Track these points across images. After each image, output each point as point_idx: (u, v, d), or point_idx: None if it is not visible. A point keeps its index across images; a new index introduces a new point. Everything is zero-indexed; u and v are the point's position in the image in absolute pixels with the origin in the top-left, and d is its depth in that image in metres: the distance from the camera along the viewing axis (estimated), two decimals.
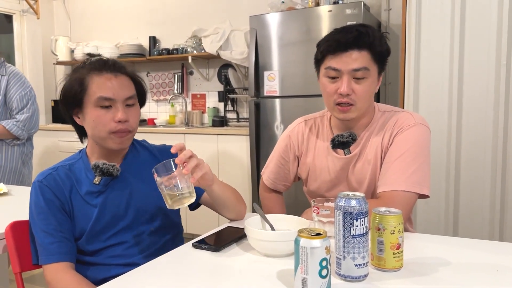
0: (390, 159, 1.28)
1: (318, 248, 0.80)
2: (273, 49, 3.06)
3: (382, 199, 1.23)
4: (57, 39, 4.51)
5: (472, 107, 2.35)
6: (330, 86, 1.27)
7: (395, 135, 1.30)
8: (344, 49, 1.23)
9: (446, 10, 2.38)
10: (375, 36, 1.24)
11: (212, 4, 4.01)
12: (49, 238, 1.15)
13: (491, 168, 2.34)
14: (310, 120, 1.48)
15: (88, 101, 1.17)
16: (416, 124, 1.30)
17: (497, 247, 1.09)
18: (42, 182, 1.19)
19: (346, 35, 1.23)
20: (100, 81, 1.17)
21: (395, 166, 1.25)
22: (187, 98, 4.19)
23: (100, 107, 1.16)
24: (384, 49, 1.27)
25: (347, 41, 1.22)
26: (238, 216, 1.31)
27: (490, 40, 2.30)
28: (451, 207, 2.42)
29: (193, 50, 3.88)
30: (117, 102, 1.17)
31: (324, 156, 1.40)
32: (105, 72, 1.18)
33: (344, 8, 2.83)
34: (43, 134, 4.11)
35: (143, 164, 1.28)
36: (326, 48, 1.26)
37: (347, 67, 1.23)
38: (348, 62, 1.23)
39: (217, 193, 1.19)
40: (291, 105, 3.02)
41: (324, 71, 1.28)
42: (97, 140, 1.21)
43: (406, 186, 1.22)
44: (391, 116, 1.35)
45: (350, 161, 1.36)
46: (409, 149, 1.26)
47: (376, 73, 1.28)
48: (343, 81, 1.24)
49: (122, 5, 4.46)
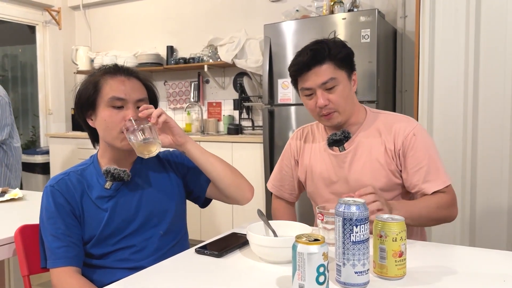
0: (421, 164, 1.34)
1: (315, 254, 0.79)
2: (288, 57, 3.06)
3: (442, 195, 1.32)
4: (77, 49, 4.62)
5: (488, 114, 2.30)
6: (310, 102, 1.39)
7: (406, 141, 1.36)
8: (308, 69, 1.35)
9: (461, 16, 2.35)
10: (330, 48, 1.34)
11: (228, 13, 4.05)
12: (57, 242, 1.17)
13: (508, 176, 2.27)
14: (306, 127, 1.59)
15: (101, 102, 1.21)
16: (417, 125, 1.40)
17: (505, 257, 1.06)
18: (53, 187, 1.21)
19: (304, 57, 1.35)
20: (113, 83, 1.21)
21: (432, 169, 1.34)
22: (203, 106, 4.22)
23: (112, 107, 1.20)
24: (344, 54, 1.37)
25: (307, 62, 1.34)
26: (241, 190, 1.30)
27: (506, 46, 2.25)
28: (467, 215, 2.36)
29: (209, 59, 3.92)
30: (129, 103, 1.20)
31: (320, 155, 1.48)
32: (119, 74, 1.23)
33: (359, 16, 2.82)
34: (63, 142, 4.21)
35: (152, 169, 1.31)
36: (294, 73, 1.40)
37: (316, 83, 1.35)
38: (315, 79, 1.34)
39: (197, 155, 1.25)
40: (304, 112, 3.00)
41: (300, 91, 1.41)
42: (108, 141, 1.23)
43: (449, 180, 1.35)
44: (387, 120, 1.43)
45: (346, 158, 1.42)
46: (430, 150, 1.36)
47: (346, 76, 1.38)
48: (318, 96, 1.35)
49: (140, 15, 4.55)
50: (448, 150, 2.39)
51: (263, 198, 3.27)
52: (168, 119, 1.21)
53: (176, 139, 1.24)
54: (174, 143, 1.24)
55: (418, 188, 1.35)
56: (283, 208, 1.61)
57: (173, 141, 1.24)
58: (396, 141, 1.37)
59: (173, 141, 1.24)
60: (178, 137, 1.23)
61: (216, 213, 3.50)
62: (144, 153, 1.16)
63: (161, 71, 4.31)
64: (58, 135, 4.34)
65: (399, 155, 1.37)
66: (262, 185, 3.26)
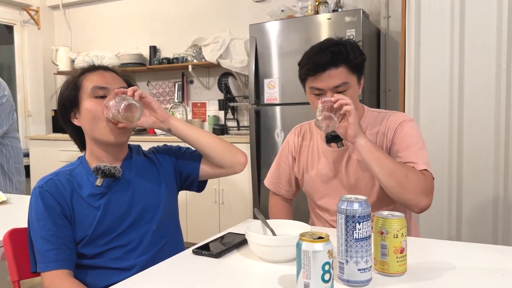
0: (401, 146, 1.35)
1: (321, 252, 0.79)
2: (273, 57, 3.06)
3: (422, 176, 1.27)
4: (57, 49, 4.53)
5: (473, 113, 2.35)
6: (317, 102, 1.35)
7: (394, 132, 1.38)
8: (322, 70, 1.32)
9: (446, 16, 2.39)
10: (348, 52, 1.33)
11: (212, 14, 4.03)
12: (47, 245, 1.13)
13: (493, 172, 2.33)
14: (304, 125, 1.59)
15: (83, 96, 1.20)
16: (409, 119, 1.41)
17: (501, 251, 1.08)
18: (42, 188, 1.17)
19: (322, 57, 1.32)
20: (93, 76, 1.22)
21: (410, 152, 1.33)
22: (188, 106, 4.19)
23: (95, 97, 1.19)
24: (360, 60, 1.36)
25: (324, 63, 1.32)
26: (235, 155, 1.30)
27: (490, 46, 2.30)
28: (454, 211, 2.40)
29: (193, 59, 3.89)
30: (111, 91, 1.20)
31: (317, 152, 1.49)
32: (98, 70, 1.24)
33: (344, 16, 2.84)
34: (43, 144, 4.11)
35: (141, 165, 1.29)
36: (306, 71, 1.37)
37: (328, 85, 1.33)
38: (328, 81, 1.32)
39: (182, 128, 1.25)
40: (291, 112, 3.02)
41: (309, 90, 1.39)
42: (96, 135, 1.20)
43: (429, 168, 1.31)
44: (384, 116, 1.44)
45: (344, 154, 1.43)
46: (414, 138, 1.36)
47: (356, 81, 1.38)
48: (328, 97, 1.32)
49: (122, 15, 4.48)
50: (435, 146, 2.43)
51: (250, 197, 3.26)
52: (144, 94, 1.20)
53: (159, 115, 1.23)
54: (158, 119, 1.24)
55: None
56: (280, 205, 1.61)
57: (156, 118, 1.23)
58: (389, 133, 1.39)
59: (156, 118, 1.23)
60: (160, 111, 1.23)
61: (203, 215, 3.47)
62: (129, 119, 1.15)
63: (144, 71, 4.26)
64: (38, 137, 4.24)
65: (389, 147, 1.38)
66: (249, 184, 3.25)
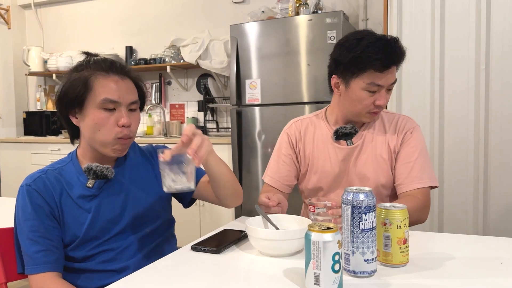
0: (410, 159, 1.36)
1: (331, 242, 0.78)
2: (253, 58, 3.06)
3: (418, 197, 1.30)
4: (29, 50, 4.39)
5: (454, 109, 2.42)
6: (369, 99, 1.32)
7: (403, 137, 1.39)
8: (388, 67, 1.29)
9: (426, 18, 2.45)
10: (403, 52, 1.31)
11: (190, 14, 4.00)
12: (35, 246, 1.08)
13: (473, 167, 2.40)
14: (305, 119, 1.53)
15: (91, 102, 1.11)
16: (417, 125, 1.42)
17: (497, 242, 1.11)
18: (30, 186, 1.11)
19: (392, 55, 1.28)
20: (106, 83, 1.11)
21: (417, 166, 1.34)
22: (165, 108, 4.13)
23: (104, 109, 1.11)
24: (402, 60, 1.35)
25: (395, 60, 1.30)
26: (237, 197, 1.25)
27: (469, 47, 2.37)
28: (436, 205, 2.46)
29: (171, 59, 3.85)
30: (121, 106, 1.12)
31: (324, 147, 1.45)
32: (112, 74, 1.13)
33: (324, 17, 2.87)
34: (14, 147, 3.96)
35: (136, 166, 1.25)
36: (371, 65, 1.28)
37: (388, 82, 1.31)
38: (389, 78, 1.31)
39: (212, 167, 1.13)
40: (271, 113, 3.02)
41: (365, 85, 1.31)
42: (94, 144, 1.14)
43: (431, 182, 1.34)
44: (392, 118, 1.44)
45: (353, 152, 1.41)
46: (421, 150, 1.37)
47: None
48: (382, 95, 1.32)
49: (96, 15, 4.39)
50: None
51: None
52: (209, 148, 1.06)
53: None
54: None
55: (400, 181, 1.36)
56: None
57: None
58: (398, 136, 1.39)
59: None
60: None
61: (183, 218, 3.42)
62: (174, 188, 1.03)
63: None
64: (8, 140, 4.08)
65: (396, 151, 1.39)
66: None
